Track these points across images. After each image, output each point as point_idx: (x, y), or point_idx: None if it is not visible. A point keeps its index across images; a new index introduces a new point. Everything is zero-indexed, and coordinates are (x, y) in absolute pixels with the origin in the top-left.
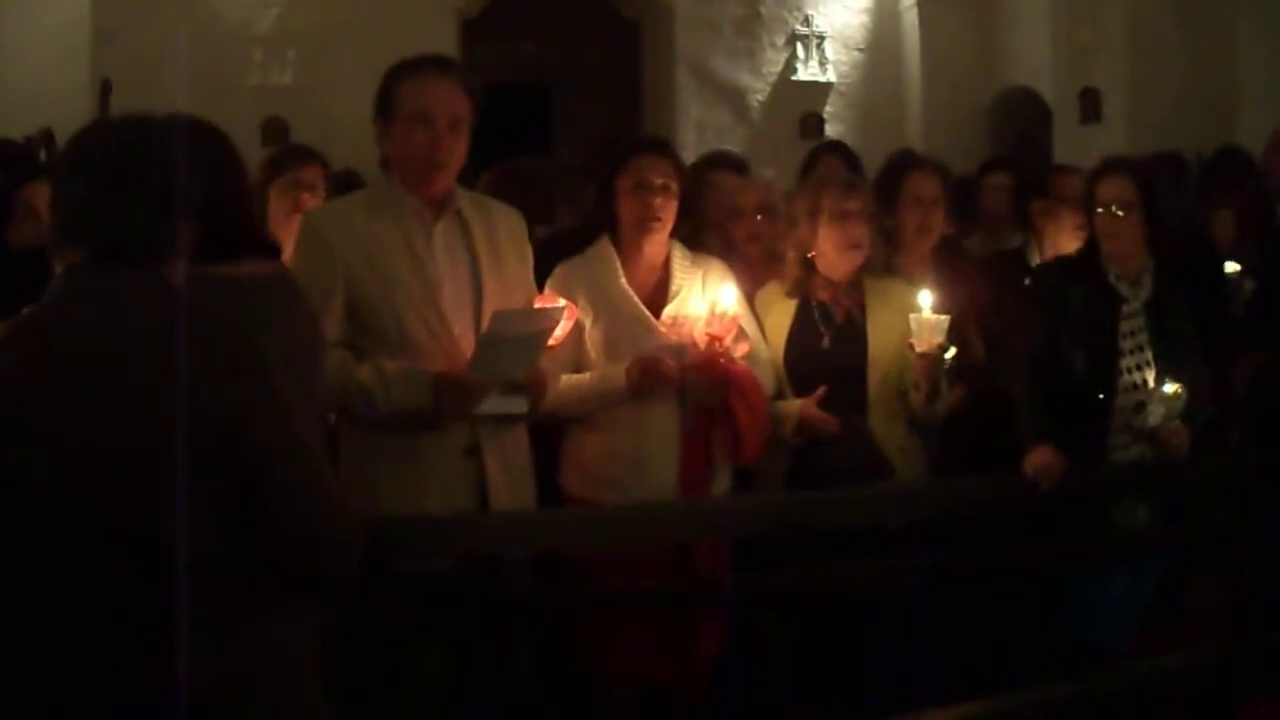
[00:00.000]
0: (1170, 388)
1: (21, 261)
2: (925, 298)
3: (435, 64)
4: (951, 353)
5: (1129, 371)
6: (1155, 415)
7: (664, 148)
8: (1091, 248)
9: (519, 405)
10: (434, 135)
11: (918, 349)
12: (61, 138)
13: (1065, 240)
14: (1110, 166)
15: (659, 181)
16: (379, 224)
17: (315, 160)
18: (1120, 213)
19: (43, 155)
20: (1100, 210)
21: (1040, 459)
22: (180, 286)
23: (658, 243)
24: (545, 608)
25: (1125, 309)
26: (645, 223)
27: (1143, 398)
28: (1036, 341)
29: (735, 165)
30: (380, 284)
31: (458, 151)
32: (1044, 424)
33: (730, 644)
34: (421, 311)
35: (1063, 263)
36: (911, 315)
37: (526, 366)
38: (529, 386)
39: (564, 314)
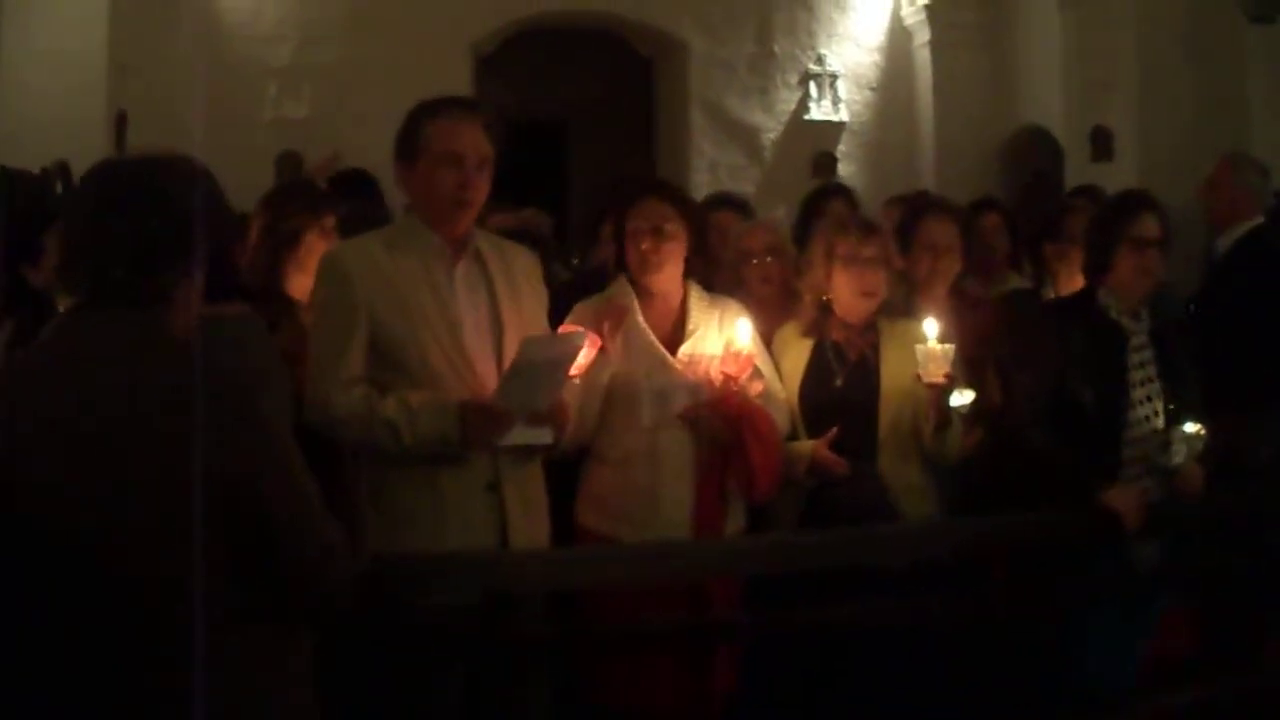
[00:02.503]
0: (1192, 427)
1: (43, 301)
2: (930, 327)
3: (462, 105)
4: (970, 397)
5: (1140, 404)
6: (1179, 455)
7: (663, 189)
8: (1091, 288)
9: (544, 436)
10: (464, 176)
11: (924, 380)
12: (78, 170)
13: (1080, 280)
14: (1144, 202)
15: (649, 225)
16: (401, 261)
17: (344, 202)
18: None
19: (59, 188)
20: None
21: (1123, 496)
22: (184, 333)
23: (667, 282)
24: (560, 643)
25: (1133, 341)
26: (643, 265)
27: (1167, 436)
28: (1050, 384)
29: (737, 206)
30: (404, 319)
31: (483, 191)
32: (1096, 466)
33: (743, 680)
34: (444, 347)
35: (1059, 304)
36: (917, 346)
37: (550, 394)
38: (553, 416)
39: (585, 341)
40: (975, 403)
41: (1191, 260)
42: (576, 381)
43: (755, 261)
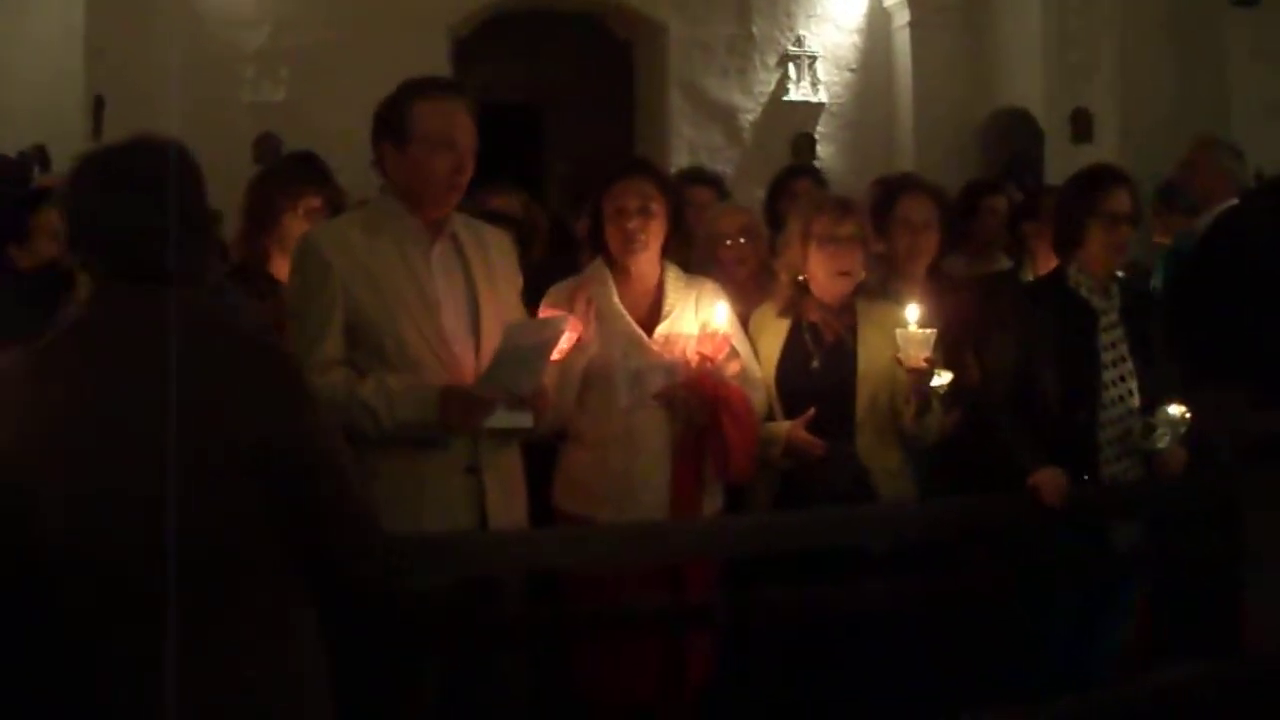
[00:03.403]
0: (1176, 410)
1: (32, 282)
2: (912, 312)
3: (451, 87)
4: (948, 378)
5: (1114, 384)
6: (1164, 439)
7: (644, 168)
8: (1061, 267)
9: (525, 420)
10: (458, 159)
11: (904, 364)
12: (56, 154)
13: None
14: (1116, 177)
15: (636, 204)
16: (378, 243)
17: (328, 183)
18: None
19: (36, 172)
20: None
21: (1047, 477)
22: (219, 308)
23: (646, 262)
24: (538, 628)
25: (1103, 321)
26: (627, 245)
27: (1152, 420)
28: (1010, 366)
29: (710, 181)
30: (381, 301)
31: (470, 174)
32: (1037, 446)
33: (721, 665)
34: (422, 329)
35: (1031, 285)
36: (897, 330)
37: (532, 379)
38: (533, 399)
39: (567, 324)
40: (953, 384)
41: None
42: (554, 366)
43: (729, 243)
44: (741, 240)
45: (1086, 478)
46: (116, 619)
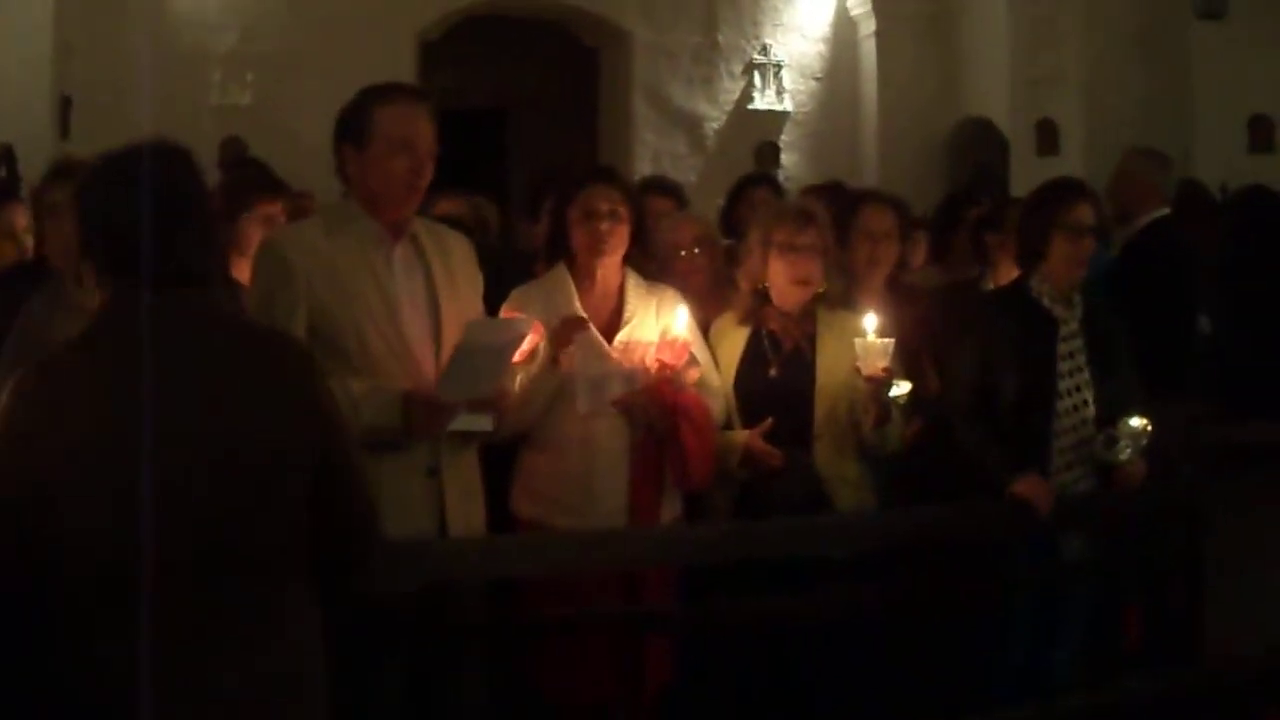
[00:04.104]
0: (1138, 423)
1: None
2: (870, 321)
3: (412, 92)
4: (907, 388)
5: (1069, 394)
6: (1125, 451)
7: (611, 175)
8: (1023, 277)
9: (485, 423)
10: (417, 162)
11: (863, 373)
12: (23, 154)
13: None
14: (1079, 190)
15: (606, 208)
16: (339, 245)
17: (282, 192)
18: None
19: (2, 171)
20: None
21: (1031, 485)
22: (235, 308)
23: (610, 268)
24: (498, 631)
25: (1063, 330)
26: (595, 249)
27: (1114, 432)
28: (971, 375)
29: (668, 190)
30: (342, 302)
31: (429, 178)
32: (1012, 455)
33: (679, 669)
34: (383, 330)
35: (992, 294)
36: (856, 339)
37: (495, 381)
38: (493, 403)
39: (530, 327)
40: (912, 393)
41: None
42: (518, 369)
43: (684, 253)
44: (696, 250)
45: None
46: (130, 619)
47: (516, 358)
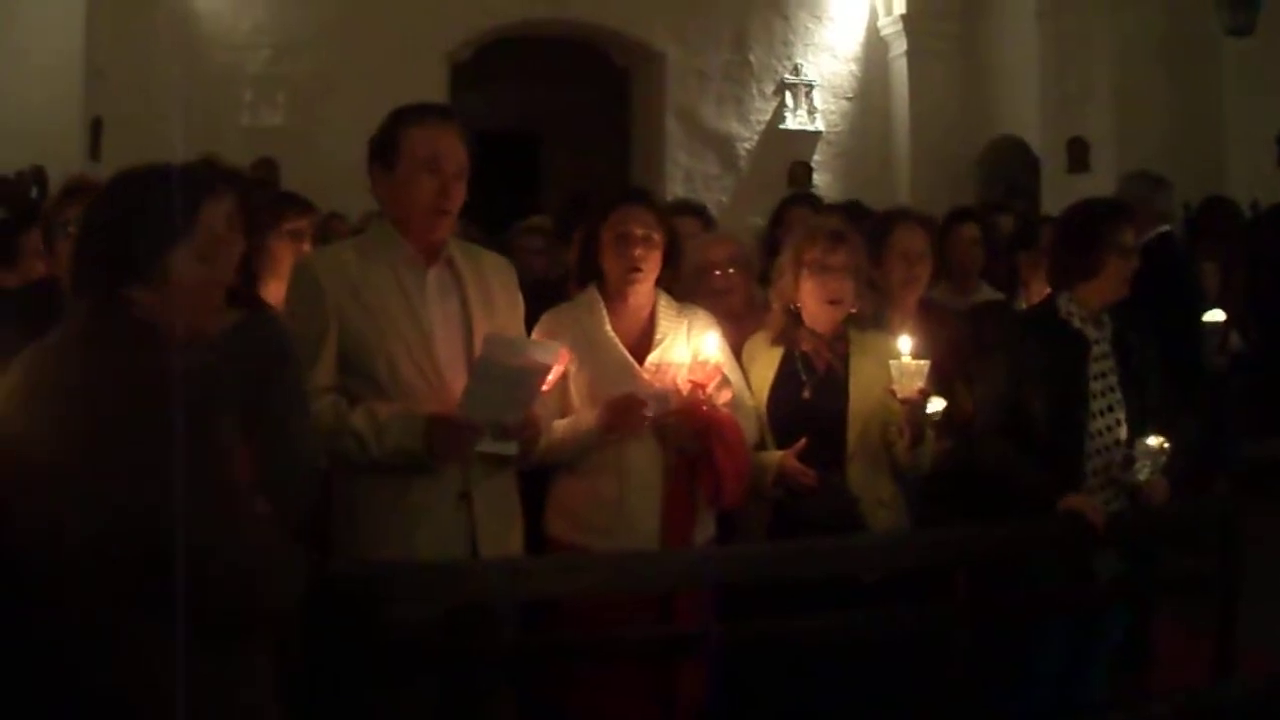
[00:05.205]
0: (1155, 441)
1: (20, 301)
2: (905, 343)
3: (440, 112)
4: (941, 405)
5: (1101, 414)
6: (1143, 471)
7: (644, 198)
8: (1053, 296)
9: (509, 448)
10: (443, 183)
11: (899, 395)
12: (53, 176)
13: None
14: (1127, 212)
15: (640, 232)
16: (372, 268)
17: (312, 210)
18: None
19: (34, 193)
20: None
21: (1081, 499)
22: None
23: (642, 292)
24: (529, 655)
25: (1094, 350)
26: (628, 273)
27: (1131, 453)
28: (1002, 395)
29: (695, 211)
30: (374, 328)
31: (460, 200)
32: (1053, 476)
33: (713, 690)
34: (415, 355)
35: (1022, 315)
36: (891, 361)
37: (521, 408)
38: (521, 429)
39: (556, 358)
40: (945, 411)
41: None
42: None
43: (718, 273)
44: (731, 270)
45: None
46: (123, 619)
47: (545, 387)
